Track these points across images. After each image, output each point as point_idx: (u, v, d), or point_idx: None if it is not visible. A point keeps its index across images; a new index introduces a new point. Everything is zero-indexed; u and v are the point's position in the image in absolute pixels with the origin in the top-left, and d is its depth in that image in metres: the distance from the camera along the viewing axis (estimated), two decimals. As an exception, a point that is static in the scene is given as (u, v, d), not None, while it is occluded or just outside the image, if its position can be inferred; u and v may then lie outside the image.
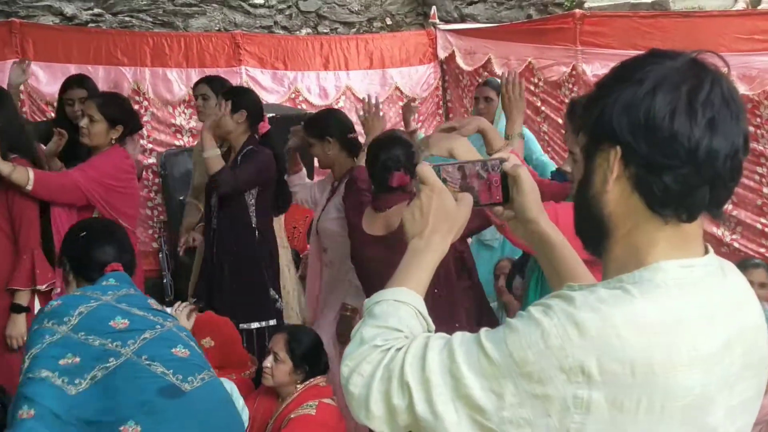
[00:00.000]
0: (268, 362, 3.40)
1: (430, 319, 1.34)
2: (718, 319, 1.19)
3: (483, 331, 1.22)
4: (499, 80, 4.92)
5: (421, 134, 5.39)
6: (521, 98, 3.30)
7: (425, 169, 1.41)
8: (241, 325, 3.94)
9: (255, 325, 4.09)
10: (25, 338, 3.61)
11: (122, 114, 4.01)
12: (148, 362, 2.33)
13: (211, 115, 4.15)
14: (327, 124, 4.18)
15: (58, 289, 3.69)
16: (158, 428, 2.26)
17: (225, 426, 2.49)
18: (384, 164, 3.44)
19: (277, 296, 4.25)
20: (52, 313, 2.41)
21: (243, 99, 4.26)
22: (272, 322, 4.16)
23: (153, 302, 2.64)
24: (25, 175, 3.60)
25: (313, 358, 3.43)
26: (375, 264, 3.44)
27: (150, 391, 2.29)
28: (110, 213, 3.87)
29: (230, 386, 3.27)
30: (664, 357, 1.13)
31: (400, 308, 1.31)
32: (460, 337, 1.22)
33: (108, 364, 2.28)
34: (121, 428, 2.22)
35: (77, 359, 2.28)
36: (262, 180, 4.14)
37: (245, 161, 4.13)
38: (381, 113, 4.19)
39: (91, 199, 3.82)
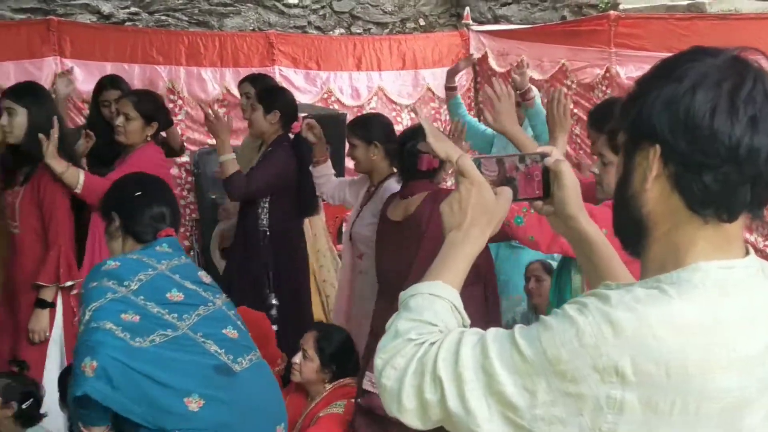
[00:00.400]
0: (297, 359, 3.43)
1: (465, 314, 1.34)
2: (760, 321, 1.17)
3: (517, 327, 1.21)
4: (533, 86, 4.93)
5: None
6: (566, 117, 3.24)
7: (465, 161, 1.40)
8: None
9: None
10: (47, 334, 3.66)
11: (156, 111, 4.06)
12: (203, 339, 2.38)
13: (225, 125, 4.16)
14: (376, 128, 4.13)
15: (75, 291, 3.74)
16: (215, 405, 2.31)
17: (270, 406, 2.54)
18: (412, 149, 3.45)
19: (275, 302, 4.21)
20: (112, 274, 2.45)
21: (277, 100, 4.30)
22: None
23: (203, 274, 2.67)
24: (76, 177, 3.66)
25: (342, 358, 3.44)
26: (388, 247, 3.48)
27: (208, 367, 2.35)
28: None
29: None
30: (700, 358, 1.11)
31: (436, 302, 1.31)
32: (494, 332, 1.22)
33: (166, 332, 2.34)
34: (185, 399, 2.28)
35: (137, 318, 2.35)
36: (277, 185, 4.15)
37: (261, 164, 4.16)
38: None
39: None
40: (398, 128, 7.34)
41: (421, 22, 8.11)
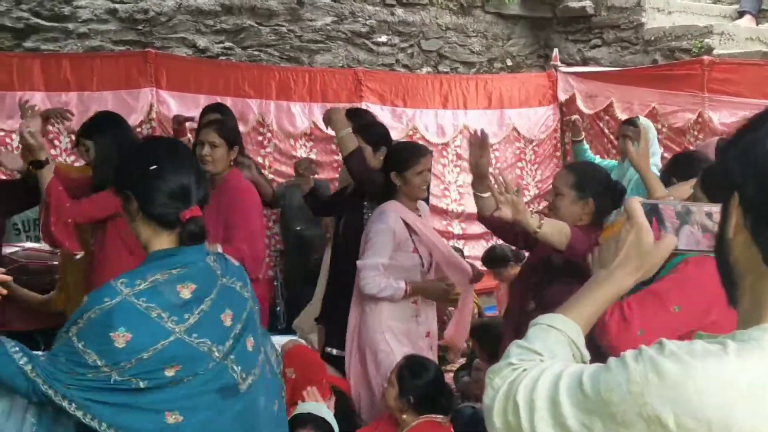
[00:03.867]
0: (385, 383, 3.50)
1: (585, 350, 1.38)
2: None
3: (589, 366, 1.23)
4: (639, 119, 4.99)
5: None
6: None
7: (633, 203, 1.44)
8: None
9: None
10: None
11: (236, 135, 4.13)
12: (232, 357, 2.14)
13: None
14: None
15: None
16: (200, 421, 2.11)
17: (265, 420, 2.30)
18: None
19: None
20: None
21: (382, 138, 4.38)
22: None
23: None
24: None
25: (424, 392, 3.43)
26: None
27: (212, 392, 2.12)
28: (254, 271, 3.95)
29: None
30: (745, 421, 1.06)
31: (550, 333, 1.37)
32: (574, 367, 1.24)
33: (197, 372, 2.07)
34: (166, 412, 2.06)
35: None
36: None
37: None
38: None
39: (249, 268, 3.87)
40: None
41: (509, 63, 8.12)
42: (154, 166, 2.11)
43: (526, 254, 4.13)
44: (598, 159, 6.08)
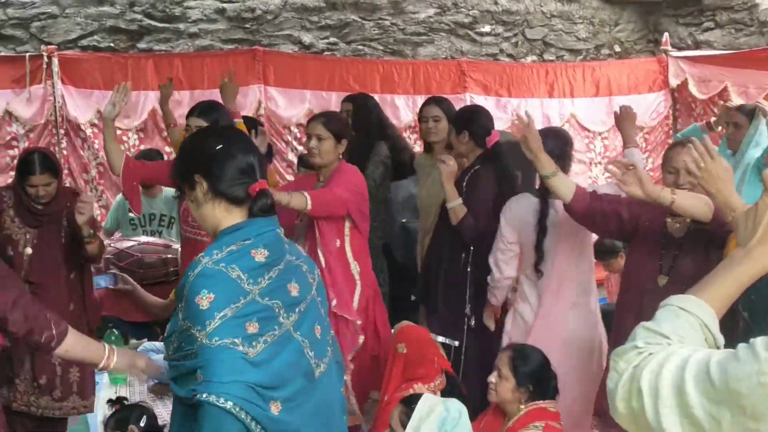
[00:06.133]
0: (493, 378, 3.42)
1: (718, 335, 1.30)
2: None
3: (717, 352, 1.18)
4: (751, 106, 4.79)
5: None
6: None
7: None
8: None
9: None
10: None
11: (345, 128, 4.20)
12: (301, 339, 2.17)
13: (449, 166, 4.22)
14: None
15: None
16: (291, 410, 2.13)
17: (333, 407, 2.33)
18: None
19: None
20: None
21: (462, 120, 4.38)
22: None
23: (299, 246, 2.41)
24: (303, 199, 3.84)
25: (538, 379, 3.38)
26: None
27: (300, 375, 2.16)
28: (361, 221, 4.07)
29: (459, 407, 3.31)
30: None
31: (680, 316, 1.29)
32: (701, 354, 1.19)
33: (274, 331, 2.11)
34: (270, 402, 2.09)
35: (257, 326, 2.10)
36: (491, 204, 4.20)
37: (471, 190, 4.20)
38: None
39: (351, 209, 4.00)
40: (590, 156, 7.22)
41: (617, 49, 7.92)
42: (221, 146, 2.19)
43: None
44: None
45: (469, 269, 4.25)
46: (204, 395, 1.99)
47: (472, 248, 4.23)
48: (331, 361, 2.30)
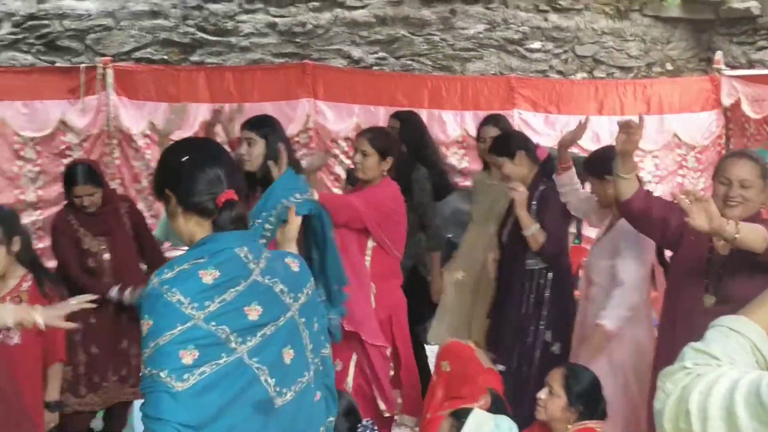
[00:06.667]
0: (543, 394, 3.36)
1: None
2: None
3: None
4: None
5: None
6: None
7: None
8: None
9: None
10: None
11: (391, 146, 4.21)
12: (257, 366, 2.03)
13: (521, 193, 4.23)
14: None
15: None
16: None
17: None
18: None
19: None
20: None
21: (508, 145, 4.43)
22: None
23: (291, 261, 2.24)
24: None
25: (589, 399, 3.34)
26: None
27: (247, 406, 2.02)
28: (383, 238, 4.06)
29: (510, 424, 3.27)
30: None
31: (730, 336, 1.27)
32: (751, 375, 1.17)
33: (219, 361, 1.98)
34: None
35: (196, 354, 1.98)
36: (567, 221, 4.22)
37: (544, 210, 4.23)
38: None
39: (368, 222, 4.01)
40: (641, 174, 7.13)
41: (668, 67, 7.83)
42: (186, 157, 2.14)
43: None
44: None
45: (547, 293, 4.26)
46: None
47: (550, 274, 4.24)
48: (306, 388, 2.14)
